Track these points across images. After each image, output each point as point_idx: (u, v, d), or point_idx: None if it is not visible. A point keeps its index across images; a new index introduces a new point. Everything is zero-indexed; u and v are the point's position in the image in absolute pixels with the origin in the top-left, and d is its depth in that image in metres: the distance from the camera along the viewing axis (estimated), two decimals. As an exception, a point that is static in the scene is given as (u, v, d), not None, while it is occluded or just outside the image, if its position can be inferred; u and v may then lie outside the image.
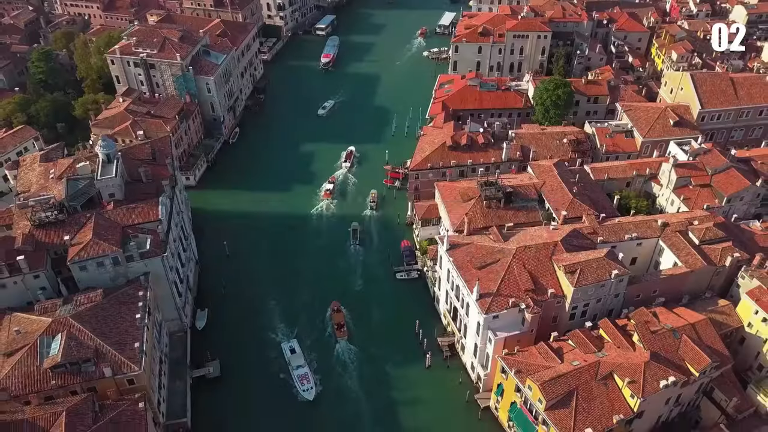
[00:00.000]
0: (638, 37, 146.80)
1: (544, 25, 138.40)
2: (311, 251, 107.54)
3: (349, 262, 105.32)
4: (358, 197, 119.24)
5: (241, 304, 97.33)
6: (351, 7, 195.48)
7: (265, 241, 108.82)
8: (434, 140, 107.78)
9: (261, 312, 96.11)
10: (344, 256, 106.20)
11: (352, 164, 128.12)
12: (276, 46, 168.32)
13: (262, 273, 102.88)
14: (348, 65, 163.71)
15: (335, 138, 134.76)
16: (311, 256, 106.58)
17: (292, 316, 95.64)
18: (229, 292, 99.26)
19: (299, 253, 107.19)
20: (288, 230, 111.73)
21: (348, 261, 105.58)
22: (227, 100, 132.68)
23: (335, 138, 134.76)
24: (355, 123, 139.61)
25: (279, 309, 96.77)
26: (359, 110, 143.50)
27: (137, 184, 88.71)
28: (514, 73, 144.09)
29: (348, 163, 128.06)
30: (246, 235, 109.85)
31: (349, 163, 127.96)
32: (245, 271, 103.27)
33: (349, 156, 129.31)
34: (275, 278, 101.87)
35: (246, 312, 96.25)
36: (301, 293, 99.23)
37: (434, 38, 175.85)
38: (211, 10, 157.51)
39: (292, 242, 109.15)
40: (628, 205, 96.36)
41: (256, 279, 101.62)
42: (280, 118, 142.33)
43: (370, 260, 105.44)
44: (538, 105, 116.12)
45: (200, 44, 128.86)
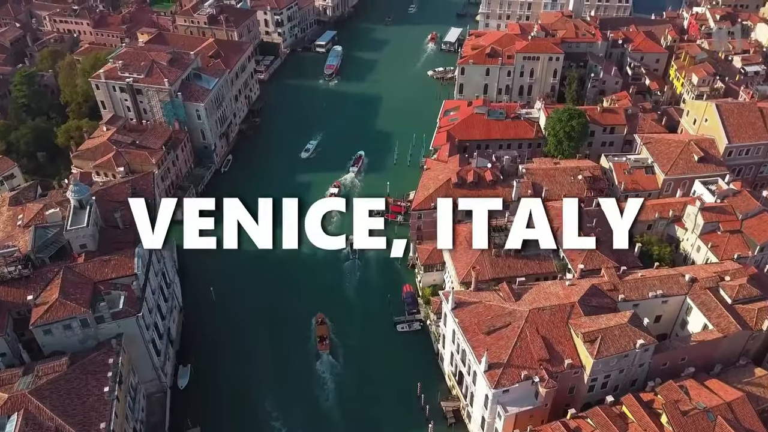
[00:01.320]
0: (656, 57, 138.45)
1: (555, 47, 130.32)
2: (304, 282, 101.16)
3: (347, 294, 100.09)
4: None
5: (228, 356, 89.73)
6: (352, 21, 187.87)
7: (256, 279, 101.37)
8: (438, 176, 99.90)
9: (250, 363, 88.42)
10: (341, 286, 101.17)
11: (360, 170, 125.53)
12: (273, 64, 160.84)
13: (252, 314, 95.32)
14: (348, 84, 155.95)
15: (333, 165, 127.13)
16: (306, 287, 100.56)
17: (283, 365, 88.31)
18: (216, 339, 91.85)
19: (292, 285, 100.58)
20: (281, 264, 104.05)
21: (346, 289, 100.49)
22: (219, 126, 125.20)
23: (333, 165, 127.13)
24: (354, 150, 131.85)
25: (269, 360, 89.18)
26: (359, 136, 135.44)
27: (113, 231, 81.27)
28: (524, 97, 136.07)
29: (356, 168, 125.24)
30: (235, 273, 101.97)
31: (357, 168, 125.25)
32: (234, 315, 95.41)
33: (357, 161, 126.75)
34: (266, 318, 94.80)
35: (233, 365, 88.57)
36: (294, 331, 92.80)
37: (439, 55, 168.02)
38: (205, 28, 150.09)
39: (284, 277, 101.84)
40: (650, 251, 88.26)
41: (246, 323, 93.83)
42: (275, 143, 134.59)
43: (368, 285, 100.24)
44: (550, 136, 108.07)
45: (191, 67, 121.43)
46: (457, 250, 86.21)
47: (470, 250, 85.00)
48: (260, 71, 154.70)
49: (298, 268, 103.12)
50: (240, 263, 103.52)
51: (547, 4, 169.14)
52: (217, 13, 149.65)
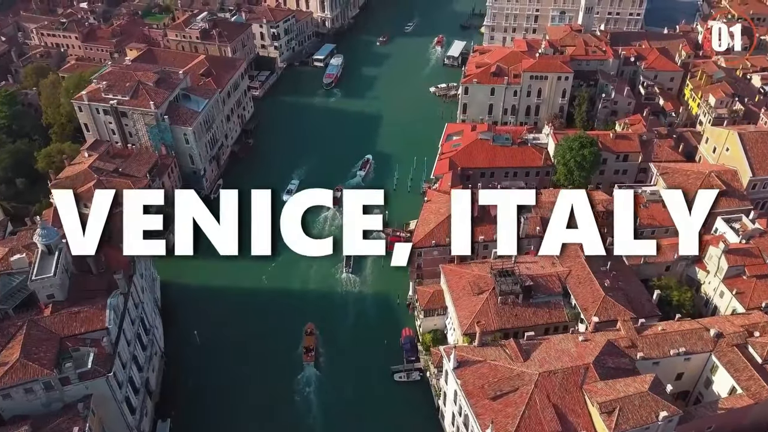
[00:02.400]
0: (670, 76, 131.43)
1: (564, 65, 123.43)
2: (297, 311, 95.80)
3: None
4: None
5: (214, 406, 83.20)
6: (352, 33, 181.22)
7: (244, 311, 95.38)
8: (440, 209, 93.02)
9: (236, 414, 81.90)
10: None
11: (368, 174, 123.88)
12: (269, 80, 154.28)
13: (239, 354, 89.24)
14: (346, 101, 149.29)
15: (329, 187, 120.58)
16: (300, 314, 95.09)
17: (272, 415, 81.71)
18: (199, 386, 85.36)
19: (282, 316, 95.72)
20: (273, 300, 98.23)
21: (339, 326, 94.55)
22: (209, 150, 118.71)
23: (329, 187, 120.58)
24: (354, 172, 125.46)
25: (257, 408, 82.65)
26: (356, 159, 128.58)
27: (85, 277, 74.87)
28: (531, 117, 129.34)
29: (363, 172, 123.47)
30: (223, 312, 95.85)
31: (364, 173, 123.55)
32: (220, 356, 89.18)
33: (365, 165, 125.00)
34: (254, 357, 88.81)
35: (218, 416, 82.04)
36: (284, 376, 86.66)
37: (442, 70, 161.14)
38: (197, 43, 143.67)
39: (273, 307, 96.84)
40: (669, 297, 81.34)
41: (232, 366, 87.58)
42: (269, 166, 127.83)
43: (365, 318, 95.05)
44: (560, 165, 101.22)
45: (179, 88, 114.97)
46: (460, 295, 79.80)
47: (474, 296, 78.56)
48: (255, 88, 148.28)
49: (289, 297, 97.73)
50: (228, 294, 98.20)
51: (555, 17, 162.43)
52: (210, 28, 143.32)
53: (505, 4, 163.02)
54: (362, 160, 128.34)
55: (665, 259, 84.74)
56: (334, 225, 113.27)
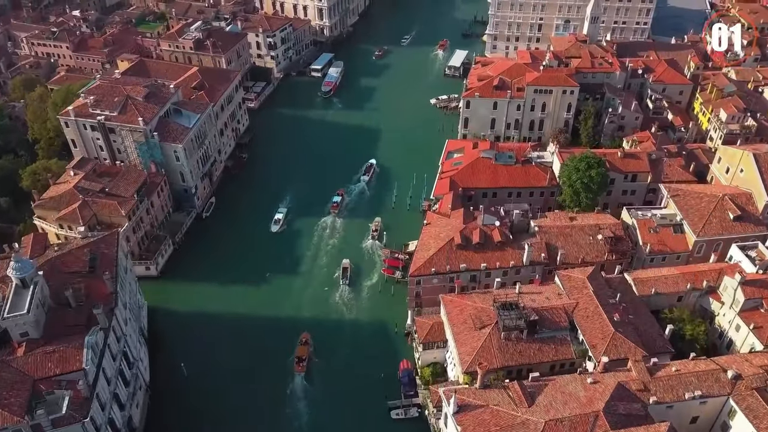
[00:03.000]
0: (679, 89, 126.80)
1: (570, 79, 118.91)
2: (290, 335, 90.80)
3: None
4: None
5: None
6: (351, 42, 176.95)
7: (236, 340, 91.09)
8: (440, 234, 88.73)
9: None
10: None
11: (371, 178, 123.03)
12: (265, 90, 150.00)
13: (229, 383, 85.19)
14: (344, 113, 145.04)
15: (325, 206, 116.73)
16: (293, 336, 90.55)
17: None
18: (186, 422, 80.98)
19: (273, 340, 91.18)
20: (264, 324, 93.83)
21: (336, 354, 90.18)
22: (201, 166, 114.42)
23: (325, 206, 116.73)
24: (357, 177, 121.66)
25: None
26: (353, 174, 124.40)
27: (63, 311, 70.56)
28: (534, 132, 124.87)
29: (367, 177, 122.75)
30: (213, 337, 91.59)
31: (368, 177, 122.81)
32: (209, 387, 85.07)
33: (369, 169, 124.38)
34: (243, 387, 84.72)
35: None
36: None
37: (443, 81, 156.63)
38: (191, 54, 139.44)
39: (265, 332, 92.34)
40: (681, 332, 76.87)
41: (222, 396, 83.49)
42: (263, 182, 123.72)
43: (362, 348, 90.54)
44: (566, 186, 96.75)
45: (170, 102, 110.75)
46: (461, 329, 75.45)
47: (476, 330, 74.17)
48: (250, 99, 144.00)
49: (281, 322, 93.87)
50: (219, 319, 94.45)
51: (559, 26, 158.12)
52: (204, 38, 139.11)
53: (507, 12, 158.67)
54: (366, 165, 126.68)
55: (677, 289, 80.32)
56: (335, 233, 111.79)
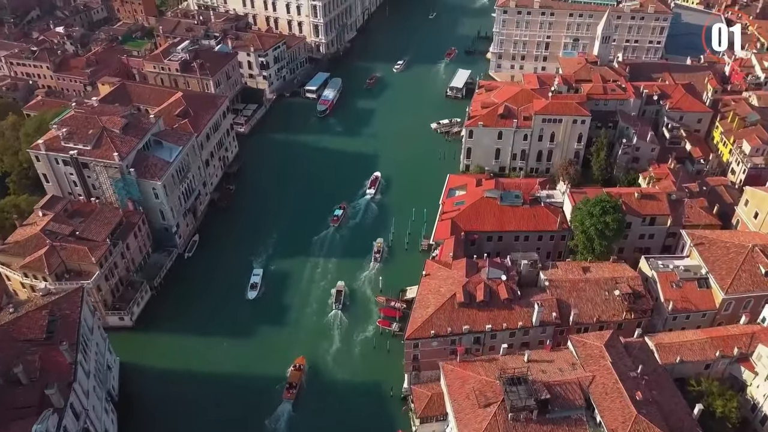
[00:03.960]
0: (698, 117, 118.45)
1: (581, 107, 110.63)
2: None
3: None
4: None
5: None
6: (349, 59, 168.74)
7: (219, 401, 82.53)
8: (440, 288, 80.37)
9: None
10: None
11: (377, 191, 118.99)
12: (256, 114, 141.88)
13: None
14: (340, 138, 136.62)
15: (319, 248, 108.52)
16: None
17: None
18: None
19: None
20: (244, 380, 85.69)
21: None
22: (184, 202, 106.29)
23: (319, 248, 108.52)
24: (344, 226, 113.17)
25: None
26: (348, 201, 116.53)
27: (13, 389, 62.44)
28: (542, 163, 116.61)
29: (372, 190, 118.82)
30: (194, 399, 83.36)
31: (374, 190, 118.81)
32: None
33: (374, 182, 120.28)
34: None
35: None
36: None
37: (444, 103, 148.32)
38: (176, 76, 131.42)
39: (246, 395, 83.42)
40: (711, 408, 68.42)
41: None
42: (252, 215, 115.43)
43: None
44: (578, 232, 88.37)
45: (150, 133, 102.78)
46: (463, 406, 66.97)
47: (480, 408, 65.72)
48: (240, 124, 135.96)
49: (261, 380, 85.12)
50: (195, 375, 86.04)
51: (568, 44, 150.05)
52: (191, 59, 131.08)
53: (513, 30, 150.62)
54: (371, 178, 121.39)
55: (705, 357, 71.94)
56: (333, 247, 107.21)
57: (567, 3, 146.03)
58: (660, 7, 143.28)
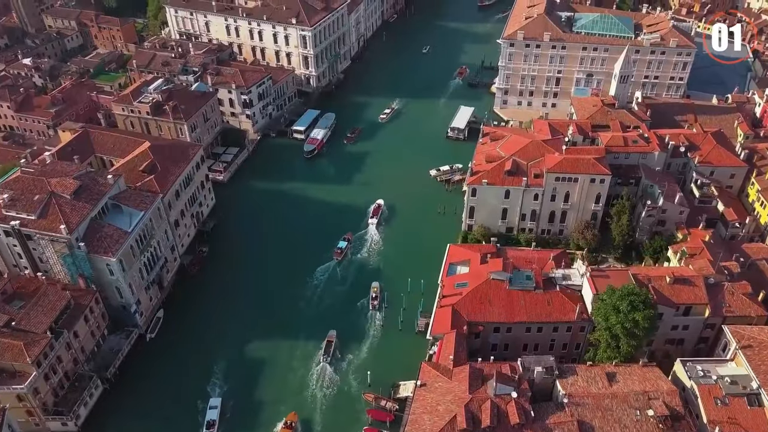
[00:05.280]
0: (730, 172, 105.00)
1: (599, 164, 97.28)
2: None
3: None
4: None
5: None
6: (342, 91, 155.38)
7: None
8: (437, 405, 66.96)
9: None
10: None
11: (380, 221, 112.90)
12: (237, 158, 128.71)
13: None
14: (327, 187, 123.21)
15: (309, 323, 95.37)
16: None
17: None
18: None
19: None
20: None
21: None
22: (146, 274, 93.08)
23: (309, 323, 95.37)
24: (334, 293, 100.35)
25: None
26: (332, 284, 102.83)
27: None
28: (555, 224, 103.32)
29: (375, 219, 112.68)
30: None
31: (376, 219, 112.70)
32: None
33: (376, 211, 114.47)
34: None
35: None
36: None
37: (445, 145, 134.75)
38: (148, 119, 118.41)
39: None
40: None
41: None
42: (226, 282, 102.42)
43: None
44: (602, 329, 74.84)
45: (106, 197, 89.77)
46: None
47: None
48: (218, 171, 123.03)
49: None
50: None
51: (580, 80, 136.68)
52: (164, 100, 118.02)
53: (520, 64, 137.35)
54: (373, 206, 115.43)
55: None
56: (334, 282, 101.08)
57: (580, 35, 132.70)
58: (683, 41, 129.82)
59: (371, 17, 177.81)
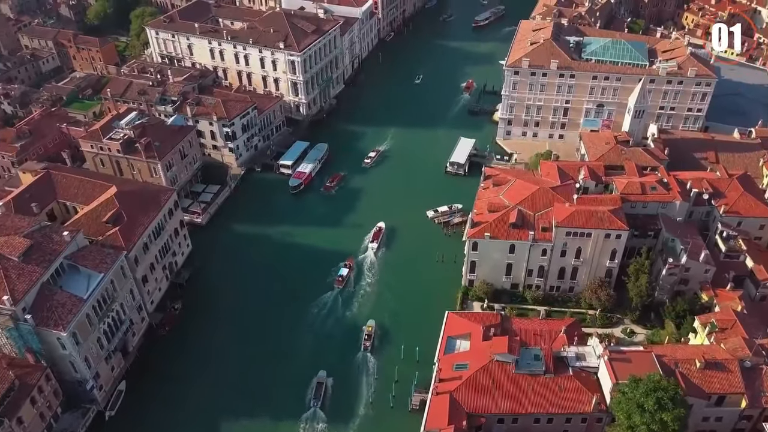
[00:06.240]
0: (759, 223, 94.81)
1: (615, 218, 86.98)
2: None
3: None
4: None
5: None
6: (335, 119, 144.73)
7: None
8: None
9: None
10: None
11: (381, 244, 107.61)
12: (218, 198, 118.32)
13: None
14: (312, 229, 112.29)
15: (290, 388, 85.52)
16: None
17: None
18: None
19: None
20: None
21: None
22: (106, 343, 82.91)
23: (290, 388, 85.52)
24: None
25: None
26: (319, 338, 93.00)
27: None
28: (565, 281, 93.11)
29: (375, 244, 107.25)
30: None
31: (377, 243, 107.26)
32: None
33: (377, 234, 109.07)
34: None
35: None
36: None
37: (444, 182, 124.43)
38: (119, 158, 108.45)
39: None
40: None
41: None
42: (200, 343, 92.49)
43: None
44: (623, 428, 64.48)
45: (61, 257, 79.63)
46: None
47: None
48: (196, 212, 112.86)
49: None
50: None
51: (590, 111, 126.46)
52: (137, 136, 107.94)
53: (525, 93, 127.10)
54: (373, 230, 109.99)
55: None
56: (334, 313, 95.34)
57: (590, 63, 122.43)
58: (702, 70, 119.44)
59: (367, 37, 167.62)
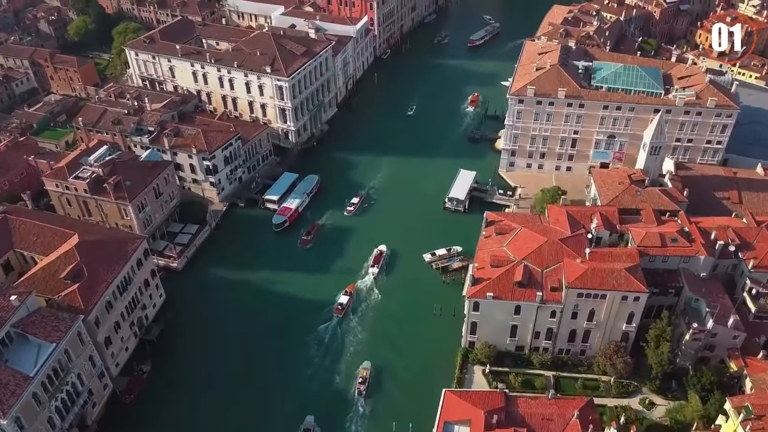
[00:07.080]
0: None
1: (634, 279, 77.50)
2: None
3: None
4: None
5: None
6: (326, 147, 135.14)
7: None
8: None
9: None
10: None
11: (382, 269, 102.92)
12: (196, 238, 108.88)
13: None
14: (302, 271, 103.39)
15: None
16: None
17: None
18: None
19: None
20: None
21: None
22: (59, 422, 73.29)
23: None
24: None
25: None
26: (298, 406, 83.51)
27: None
28: (576, 344, 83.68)
29: (376, 268, 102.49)
30: None
31: (378, 268, 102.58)
32: None
33: (378, 258, 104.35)
34: None
35: None
36: None
37: (442, 219, 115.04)
38: (87, 198, 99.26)
39: None
40: None
41: None
42: (172, 415, 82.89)
43: None
44: None
45: (8, 326, 70.24)
46: None
47: None
48: (171, 257, 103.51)
49: None
50: None
51: (600, 142, 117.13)
52: (106, 174, 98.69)
53: (531, 123, 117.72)
54: (374, 254, 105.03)
55: None
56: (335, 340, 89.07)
57: (600, 92, 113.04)
58: (723, 100, 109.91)
59: (362, 56, 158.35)
